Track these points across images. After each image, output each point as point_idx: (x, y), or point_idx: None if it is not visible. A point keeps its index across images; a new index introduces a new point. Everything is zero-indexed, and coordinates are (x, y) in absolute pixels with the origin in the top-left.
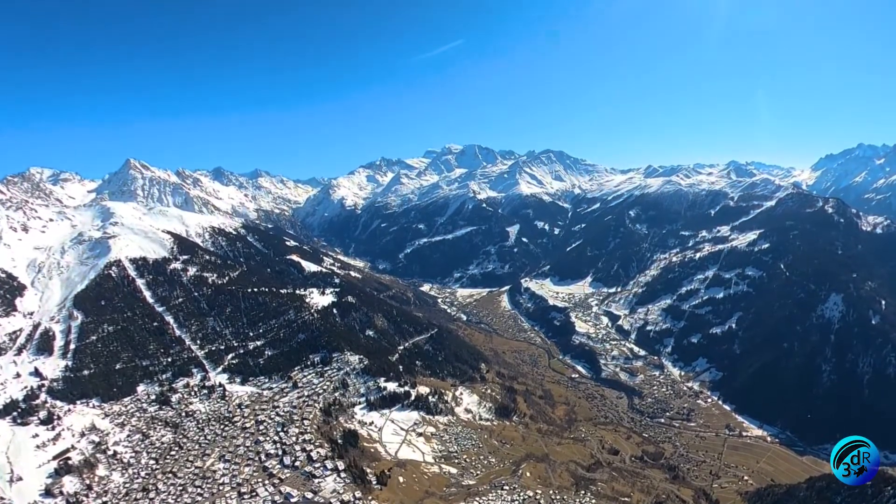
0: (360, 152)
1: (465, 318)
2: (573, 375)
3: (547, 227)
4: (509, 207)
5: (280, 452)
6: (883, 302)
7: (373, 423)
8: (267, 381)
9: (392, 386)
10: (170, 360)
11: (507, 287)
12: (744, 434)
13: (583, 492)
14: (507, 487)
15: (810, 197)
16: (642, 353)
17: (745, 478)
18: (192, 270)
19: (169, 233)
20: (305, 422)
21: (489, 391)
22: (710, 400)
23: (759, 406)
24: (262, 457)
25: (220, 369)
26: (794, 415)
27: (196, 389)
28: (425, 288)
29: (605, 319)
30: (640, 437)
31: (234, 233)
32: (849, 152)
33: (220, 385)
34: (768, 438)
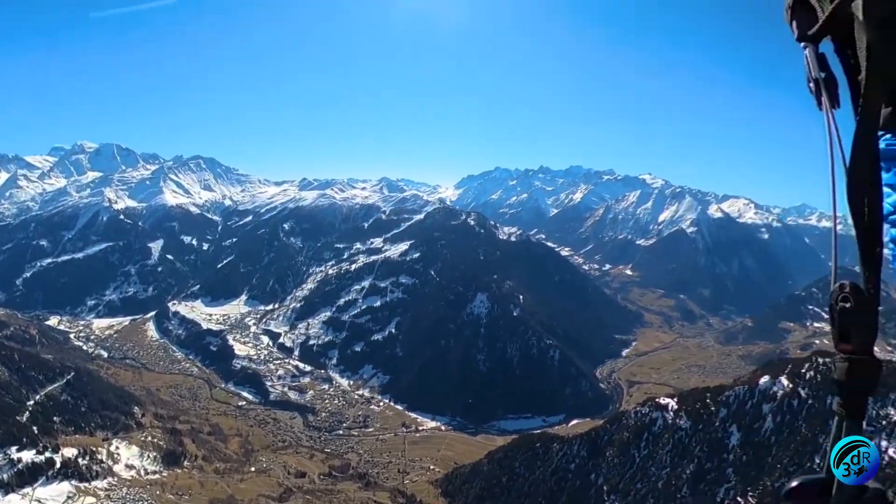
0: None
1: (106, 354)
2: (240, 403)
3: (195, 242)
4: (152, 220)
5: None
6: (521, 297)
7: None
8: None
9: (28, 455)
10: None
11: (152, 313)
12: (420, 429)
13: None
14: None
15: (455, 211)
16: (308, 368)
17: (432, 467)
18: None
19: None
20: None
21: (150, 438)
22: (382, 403)
23: (427, 400)
24: None
25: None
26: (460, 402)
27: None
28: (53, 321)
29: (265, 339)
30: (322, 453)
31: None
32: (487, 174)
33: None
34: (442, 428)
